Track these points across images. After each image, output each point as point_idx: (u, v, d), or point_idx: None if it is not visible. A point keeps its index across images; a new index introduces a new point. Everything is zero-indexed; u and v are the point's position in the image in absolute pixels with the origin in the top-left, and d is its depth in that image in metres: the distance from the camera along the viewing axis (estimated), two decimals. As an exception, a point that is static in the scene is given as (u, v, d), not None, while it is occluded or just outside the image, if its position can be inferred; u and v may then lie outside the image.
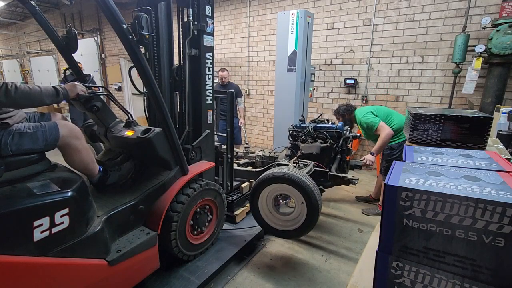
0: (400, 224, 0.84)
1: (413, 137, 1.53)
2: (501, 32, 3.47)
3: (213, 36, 2.29)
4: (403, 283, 0.88)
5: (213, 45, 2.29)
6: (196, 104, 2.33)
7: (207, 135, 2.40)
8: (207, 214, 2.36)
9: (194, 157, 2.31)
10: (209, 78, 2.32)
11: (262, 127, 6.53)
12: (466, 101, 4.19)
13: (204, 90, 2.31)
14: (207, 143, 2.42)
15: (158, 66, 2.22)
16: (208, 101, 2.37)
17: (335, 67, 5.24)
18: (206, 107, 2.36)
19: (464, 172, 0.95)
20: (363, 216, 3.38)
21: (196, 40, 2.19)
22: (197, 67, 2.25)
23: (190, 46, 2.18)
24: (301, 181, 2.24)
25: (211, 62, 2.31)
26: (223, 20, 6.52)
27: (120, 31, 1.64)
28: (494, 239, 0.73)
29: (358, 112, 3.35)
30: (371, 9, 4.68)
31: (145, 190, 1.97)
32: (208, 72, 2.30)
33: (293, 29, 4.10)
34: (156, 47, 2.18)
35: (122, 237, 1.85)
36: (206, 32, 2.21)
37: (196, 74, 2.26)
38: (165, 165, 2.05)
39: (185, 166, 2.11)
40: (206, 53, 2.26)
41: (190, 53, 2.17)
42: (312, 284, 2.25)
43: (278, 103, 4.56)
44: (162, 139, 1.95)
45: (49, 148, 1.64)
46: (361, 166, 3.37)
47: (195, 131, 2.37)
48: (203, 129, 2.37)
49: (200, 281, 2.09)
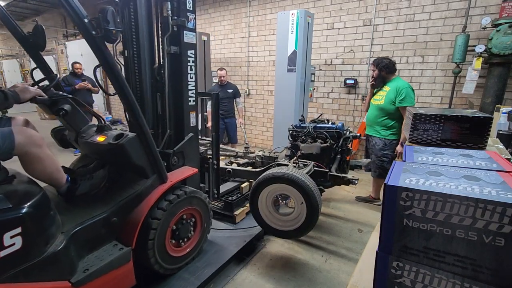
0: (400, 224, 0.84)
1: (413, 137, 1.53)
2: (501, 32, 3.47)
3: (195, 32, 2.13)
4: (403, 283, 0.88)
5: (195, 41, 2.14)
6: (177, 105, 2.17)
7: (191, 138, 2.24)
8: (191, 224, 2.19)
9: (176, 162, 2.15)
10: (192, 77, 2.17)
11: (262, 127, 6.53)
12: (466, 101, 4.19)
13: (186, 90, 2.15)
14: (191, 147, 2.26)
15: (139, 65, 2.05)
16: (191, 102, 2.21)
17: (335, 67, 5.24)
18: (189, 108, 2.20)
19: (464, 172, 0.95)
20: (363, 216, 3.38)
21: (176, 36, 2.03)
22: (178, 66, 2.09)
23: (170, 43, 2.03)
24: (301, 181, 2.24)
25: (194, 61, 2.16)
26: (223, 20, 6.52)
27: (81, 26, 1.48)
28: (494, 239, 0.73)
29: (402, 81, 3.16)
30: (371, 9, 4.68)
31: (119, 201, 1.79)
32: (190, 71, 2.15)
33: (293, 29, 4.10)
34: (136, 45, 2.02)
35: (91, 254, 1.67)
36: (187, 28, 2.05)
37: (177, 73, 2.10)
38: (141, 173, 1.88)
39: (164, 173, 1.94)
40: (188, 50, 2.10)
41: (169, 51, 2.02)
42: (312, 284, 2.25)
43: (278, 103, 4.56)
44: (136, 145, 1.78)
45: (3, 157, 1.47)
46: (361, 166, 3.36)
47: (177, 134, 2.22)
48: (185, 132, 2.21)
49: (199, 281, 2.08)
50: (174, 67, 2.09)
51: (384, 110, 3.20)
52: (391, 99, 3.12)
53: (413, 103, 3.03)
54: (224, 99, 4.91)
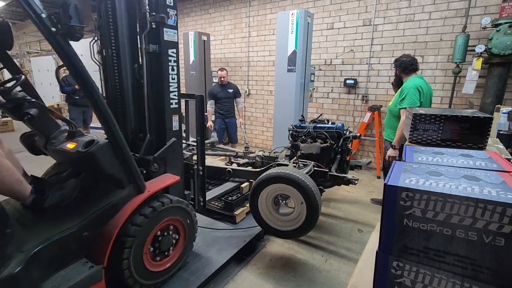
0: (400, 224, 0.84)
1: (413, 137, 1.53)
2: (501, 32, 3.47)
3: (177, 29, 2.00)
4: (403, 283, 0.88)
5: (177, 40, 2.00)
6: (158, 108, 2.03)
7: (173, 144, 2.10)
8: (173, 236, 2.03)
9: (156, 170, 2.00)
10: (173, 78, 2.05)
11: (262, 127, 6.53)
12: (466, 101, 4.19)
13: (167, 92, 2.01)
14: (173, 153, 2.11)
15: (118, 65, 1.91)
16: (173, 105, 2.08)
17: (335, 67, 5.24)
18: (171, 112, 2.07)
19: (464, 172, 0.95)
20: (363, 216, 3.38)
21: (155, 34, 1.90)
22: (158, 66, 1.95)
23: (149, 41, 1.89)
24: (301, 181, 2.24)
25: (175, 60, 2.02)
26: (223, 20, 6.52)
27: (39, 21, 1.33)
28: (494, 238, 0.73)
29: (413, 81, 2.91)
30: (371, 9, 4.68)
31: (91, 213, 1.65)
32: (171, 71, 2.01)
33: (293, 29, 4.10)
34: (115, 43, 1.87)
35: (58, 274, 1.51)
36: (167, 24, 1.92)
37: (157, 74, 1.97)
38: (115, 183, 1.73)
39: (141, 182, 1.80)
40: (169, 49, 1.96)
41: (148, 49, 1.89)
42: (312, 284, 2.25)
43: (278, 103, 4.56)
44: (108, 153, 1.63)
45: None
46: (361, 166, 3.35)
47: (159, 139, 2.07)
48: (167, 137, 2.07)
49: (199, 281, 2.08)
50: (153, 67, 1.96)
51: (392, 112, 3.09)
52: (396, 100, 3.00)
53: (413, 104, 2.79)
54: (225, 99, 4.92)
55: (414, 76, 2.98)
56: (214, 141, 4.10)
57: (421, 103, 2.84)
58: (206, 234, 2.70)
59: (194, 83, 6.06)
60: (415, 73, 3.02)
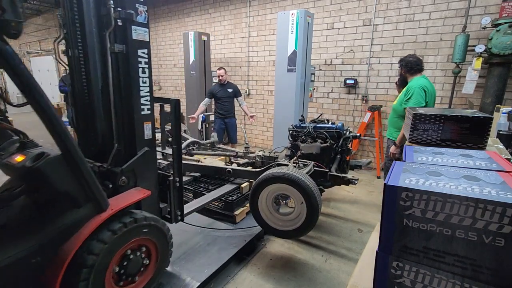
0: (400, 224, 0.84)
1: (413, 137, 1.53)
2: (501, 32, 3.47)
3: (148, 28, 1.82)
4: (403, 283, 0.88)
5: (148, 39, 1.81)
6: (128, 115, 1.82)
7: (145, 154, 1.89)
8: (142, 258, 1.81)
9: (124, 183, 1.80)
10: (145, 82, 1.83)
11: (262, 127, 6.53)
12: (466, 101, 4.19)
13: (137, 97, 1.81)
14: (145, 164, 1.91)
15: (86, 67, 1.74)
16: (145, 111, 1.86)
17: (335, 67, 5.24)
18: (142, 119, 1.86)
19: (464, 172, 0.95)
20: (363, 216, 3.38)
21: (122, 32, 1.71)
22: (126, 68, 1.75)
23: (114, 40, 1.71)
24: (301, 181, 2.24)
25: (147, 62, 1.82)
26: (223, 20, 6.52)
27: None
28: (494, 239, 0.73)
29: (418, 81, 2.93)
30: (371, 9, 4.68)
31: (43, 236, 1.45)
32: (142, 74, 1.81)
33: (293, 29, 4.10)
34: (82, 43, 1.70)
35: None
36: (136, 22, 1.73)
37: (125, 77, 1.77)
38: (70, 201, 1.53)
39: (102, 200, 1.59)
40: (138, 49, 1.77)
41: (113, 50, 1.70)
42: (312, 284, 2.25)
43: (278, 103, 4.56)
44: (60, 167, 1.42)
45: None
46: (361, 166, 3.35)
47: (128, 149, 1.86)
48: (138, 146, 1.86)
49: (199, 281, 2.09)
50: (121, 69, 1.76)
51: (396, 111, 3.11)
52: (401, 99, 3.01)
53: (419, 104, 2.80)
54: (224, 98, 4.91)
55: (419, 77, 3.00)
56: (214, 141, 4.10)
57: (426, 103, 2.85)
58: (206, 234, 2.71)
59: (194, 83, 6.06)
60: (420, 73, 3.04)
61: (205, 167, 3.23)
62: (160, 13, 7.70)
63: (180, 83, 7.70)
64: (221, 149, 4.03)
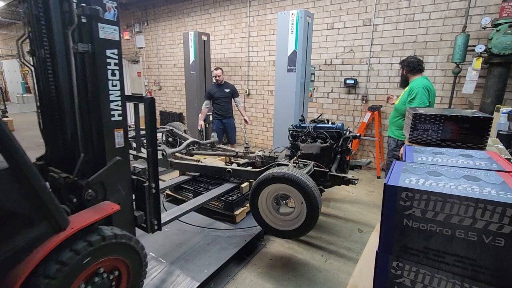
0: (400, 224, 0.84)
1: (413, 137, 1.53)
2: (501, 32, 3.47)
3: (118, 26, 1.65)
4: (403, 283, 0.88)
5: (118, 38, 1.66)
6: (96, 121, 1.66)
7: (116, 164, 1.71)
8: (111, 281, 1.61)
9: (91, 197, 1.64)
10: (115, 85, 1.67)
11: (262, 127, 6.53)
12: (466, 101, 4.19)
13: (105, 102, 1.64)
14: (116, 175, 1.74)
15: (54, 68, 1.63)
16: (116, 117, 1.69)
17: (335, 67, 5.24)
18: (112, 125, 1.69)
19: (464, 172, 0.95)
20: (363, 216, 3.38)
21: (87, 30, 1.55)
22: (92, 70, 1.60)
23: (78, 39, 1.55)
24: (301, 181, 2.24)
25: (117, 63, 1.66)
26: (223, 20, 6.52)
27: None
28: (494, 239, 0.73)
29: (421, 81, 3.04)
30: (371, 9, 4.68)
31: None
32: (112, 76, 1.65)
33: (293, 29, 4.10)
34: (47, 42, 1.59)
35: None
36: (104, 19, 1.57)
37: (92, 80, 1.62)
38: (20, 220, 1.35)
39: (61, 218, 1.41)
40: (107, 49, 1.61)
41: (77, 50, 1.54)
42: (312, 284, 2.25)
43: (278, 103, 4.56)
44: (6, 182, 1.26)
45: None
46: (361, 166, 3.35)
47: (97, 159, 1.70)
48: (108, 156, 1.70)
49: (200, 281, 2.09)
50: (87, 71, 1.61)
51: (398, 110, 3.20)
52: (404, 99, 3.11)
53: (423, 104, 2.91)
54: (221, 99, 4.89)
55: (421, 77, 3.11)
56: (214, 141, 4.10)
57: (429, 102, 2.96)
58: (206, 234, 2.71)
59: (194, 83, 6.06)
60: (421, 73, 3.15)
61: (205, 167, 3.23)
62: (160, 13, 7.70)
63: (180, 83, 7.70)
64: (221, 149, 4.03)
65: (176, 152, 3.63)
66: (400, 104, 3.17)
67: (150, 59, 8.36)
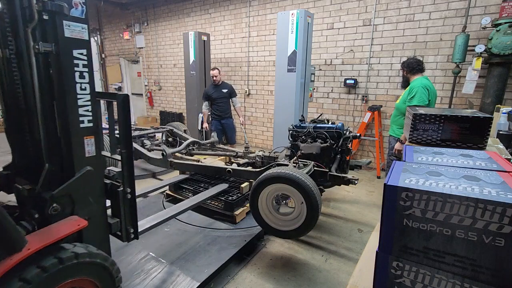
0: (400, 224, 0.84)
1: (413, 137, 1.53)
2: (501, 32, 3.47)
3: (87, 23, 1.51)
4: (403, 283, 0.88)
5: (87, 37, 1.51)
6: (62, 128, 1.52)
7: (85, 174, 1.56)
8: None
9: (56, 211, 1.48)
10: (84, 88, 1.52)
11: (262, 127, 6.53)
12: (466, 101, 4.19)
13: (73, 107, 1.50)
14: (86, 187, 1.58)
15: (19, 69, 1.52)
16: (85, 123, 1.55)
17: (335, 67, 5.24)
18: (81, 132, 1.54)
19: (464, 172, 0.95)
20: (363, 216, 3.38)
21: (51, 28, 1.40)
22: (57, 72, 1.45)
23: (39, 38, 1.40)
24: (301, 181, 2.24)
25: (86, 64, 1.52)
26: (223, 20, 6.52)
27: None
28: (494, 239, 0.73)
29: (421, 81, 3.13)
30: (371, 9, 4.68)
31: None
32: (80, 79, 1.50)
33: (293, 29, 4.10)
34: (13, 41, 1.48)
35: None
36: (70, 16, 1.43)
37: (57, 83, 1.47)
38: None
39: (16, 238, 1.27)
40: (73, 49, 1.47)
41: (38, 50, 1.39)
42: (312, 284, 2.25)
43: (278, 103, 4.56)
44: None
45: None
46: (361, 166, 3.36)
47: (65, 169, 1.56)
48: (76, 166, 1.54)
49: (200, 281, 2.09)
50: (52, 73, 1.47)
51: (399, 109, 3.29)
52: (404, 98, 3.20)
53: (422, 102, 3.00)
54: (219, 99, 4.87)
55: (421, 77, 3.20)
56: (214, 141, 4.10)
57: (429, 101, 3.04)
58: (206, 234, 2.71)
59: (194, 83, 6.06)
60: (421, 74, 3.24)
61: (205, 167, 3.23)
62: (160, 13, 7.70)
63: (180, 83, 7.70)
64: (221, 149, 4.03)
65: (176, 152, 3.63)
66: (400, 103, 3.25)
67: (150, 59, 8.36)
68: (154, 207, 3.21)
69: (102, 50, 9.39)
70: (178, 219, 2.93)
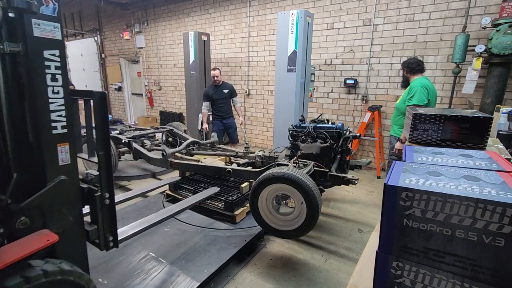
0: (400, 224, 0.84)
1: (413, 137, 1.53)
2: (501, 32, 3.47)
3: (60, 22, 1.41)
4: (403, 283, 0.88)
5: (60, 37, 1.42)
6: (34, 135, 1.41)
7: (59, 184, 1.45)
8: None
9: (25, 225, 1.37)
10: (57, 91, 1.42)
11: (262, 127, 6.53)
12: (466, 101, 4.19)
13: (44, 112, 1.39)
14: (60, 197, 1.47)
15: None
16: (58, 129, 1.44)
17: (335, 67, 5.24)
18: (54, 139, 1.43)
19: (464, 172, 0.95)
20: (363, 216, 3.38)
21: (19, 27, 1.31)
22: (27, 74, 1.35)
23: (6, 38, 1.31)
24: (301, 181, 2.24)
25: (59, 66, 1.41)
26: (223, 20, 6.52)
27: None
28: (494, 239, 0.73)
29: (420, 81, 3.16)
30: (371, 9, 4.68)
31: None
32: (52, 82, 1.40)
33: (293, 29, 4.10)
34: None
35: None
36: (40, 14, 1.33)
37: (28, 86, 1.37)
38: None
39: None
40: (44, 50, 1.36)
41: (3, 50, 1.30)
42: (312, 284, 2.25)
43: (278, 103, 4.56)
44: None
45: None
46: (361, 166, 3.36)
47: (36, 179, 1.44)
48: (49, 175, 1.44)
49: (200, 281, 2.09)
50: (22, 75, 1.36)
51: (399, 109, 3.31)
52: (404, 98, 3.23)
53: (421, 102, 3.02)
54: (220, 100, 4.86)
55: (421, 77, 3.22)
56: (214, 141, 4.10)
57: (428, 100, 3.06)
58: (206, 234, 2.71)
59: (194, 83, 6.06)
60: (421, 74, 3.26)
61: (205, 167, 3.23)
62: (160, 13, 7.70)
63: (180, 83, 7.70)
64: (221, 149, 4.03)
65: (176, 152, 3.63)
66: (400, 103, 3.27)
67: (150, 59, 8.36)
68: (154, 207, 3.21)
69: (102, 50, 9.39)
70: (178, 219, 2.93)
